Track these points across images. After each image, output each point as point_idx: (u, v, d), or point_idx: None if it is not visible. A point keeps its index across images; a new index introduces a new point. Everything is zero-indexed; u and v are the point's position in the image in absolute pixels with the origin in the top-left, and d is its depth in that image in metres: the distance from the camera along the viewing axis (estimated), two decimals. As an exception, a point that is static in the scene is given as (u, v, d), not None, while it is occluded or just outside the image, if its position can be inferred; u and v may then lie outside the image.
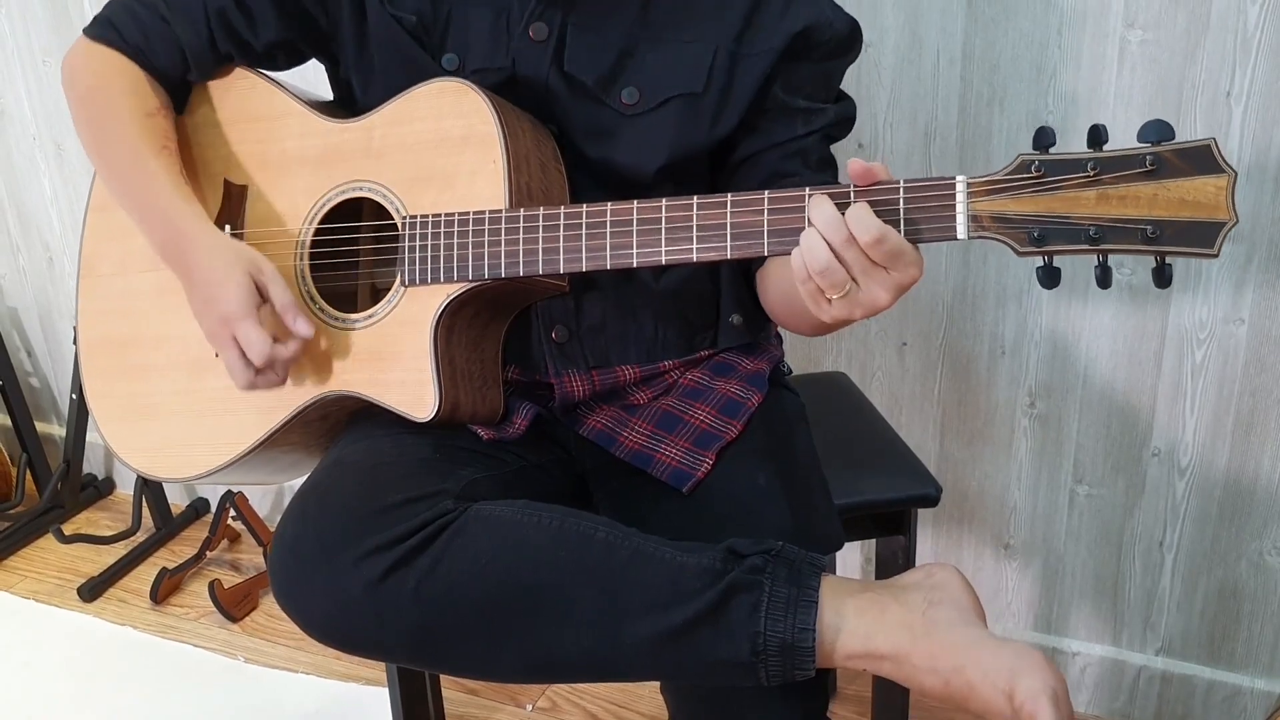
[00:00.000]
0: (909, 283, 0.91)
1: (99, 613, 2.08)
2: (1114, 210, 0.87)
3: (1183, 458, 1.58)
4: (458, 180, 1.10)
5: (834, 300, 0.92)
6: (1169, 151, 0.85)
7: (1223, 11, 1.36)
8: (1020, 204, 0.89)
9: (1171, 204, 0.85)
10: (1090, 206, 0.87)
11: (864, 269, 0.90)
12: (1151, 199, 0.86)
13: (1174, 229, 0.85)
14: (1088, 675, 1.74)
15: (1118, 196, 0.87)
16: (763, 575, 0.93)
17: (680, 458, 1.12)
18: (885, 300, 0.91)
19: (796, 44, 1.12)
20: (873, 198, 0.92)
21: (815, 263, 0.90)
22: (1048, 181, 0.88)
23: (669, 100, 1.12)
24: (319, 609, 0.98)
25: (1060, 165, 0.88)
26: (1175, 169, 0.85)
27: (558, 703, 1.80)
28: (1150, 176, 0.86)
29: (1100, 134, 0.87)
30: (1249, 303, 1.47)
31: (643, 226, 1.02)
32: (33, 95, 2.24)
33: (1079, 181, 0.87)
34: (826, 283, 0.91)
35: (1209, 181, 0.85)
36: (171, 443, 1.23)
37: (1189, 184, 0.85)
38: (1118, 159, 0.86)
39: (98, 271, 1.28)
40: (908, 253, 0.90)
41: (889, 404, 1.73)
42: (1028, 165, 0.89)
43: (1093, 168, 0.87)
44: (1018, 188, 0.89)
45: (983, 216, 0.90)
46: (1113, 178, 0.86)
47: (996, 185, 0.90)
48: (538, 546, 0.96)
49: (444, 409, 1.08)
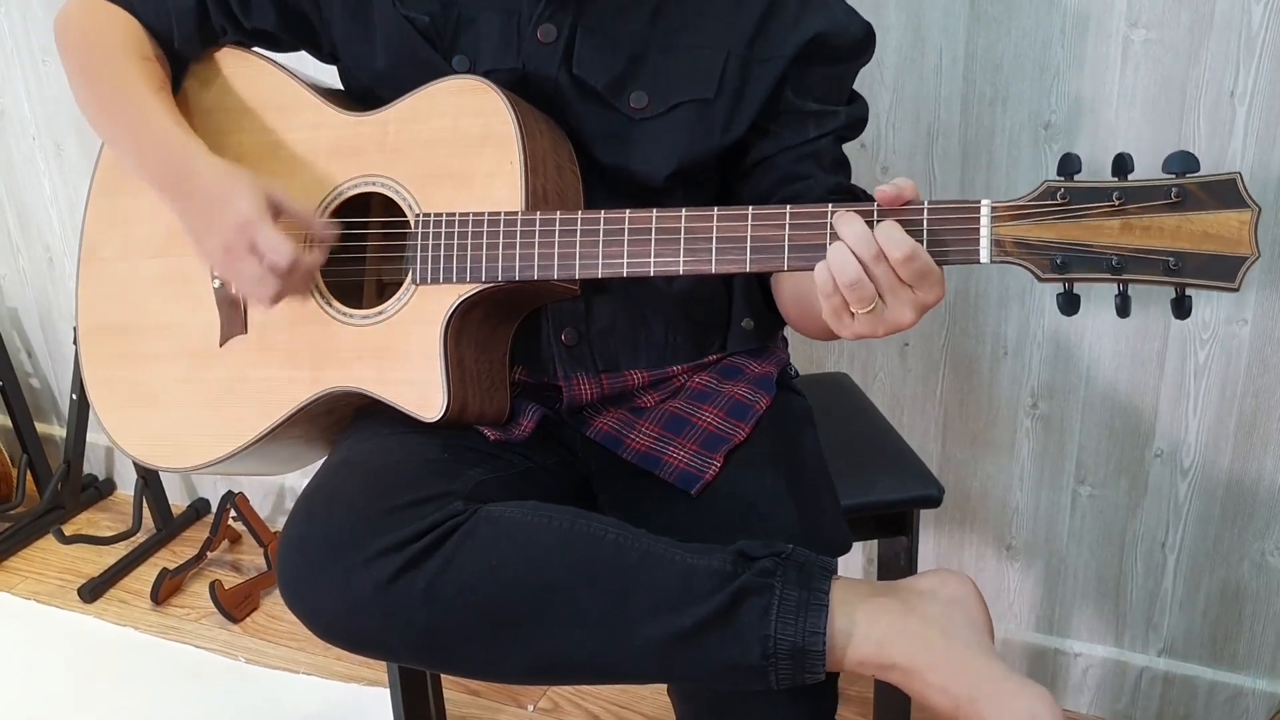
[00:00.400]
0: (933, 302, 0.91)
1: (100, 613, 2.08)
2: (1137, 240, 0.87)
3: (1185, 458, 1.58)
4: (474, 180, 1.09)
5: (858, 316, 0.91)
6: (1194, 184, 0.85)
7: (1226, 11, 1.36)
8: (1043, 230, 0.89)
9: (1194, 237, 0.85)
10: (1113, 236, 0.87)
11: (891, 286, 0.90)
12: (1175, 231, 0.86)
13: (1196, 262, 0.85)
14: (1090, 676, 1.74)
15: (1141, 227, 0.86)
16: (773, 578, 0.93)
17: (688, 460, 1.12)
18: (909, 319, 0.91)
19: (809, 49, 1.11)
20: (898, 218, 0.91)
21: (845, 277, 0.89)
22: (1072, 209, 0.88)
23: (679, 105, 1.12)
24: (327, 609, 0.97)
25: (1085, 193, 0.88)
26: (1199, 201, 0.85)
27: (559, 703, 1.80)
28: (1174, 209, 0.85)
29: (1126, 163, 0.87)
30: (1252, 303, 1.47)
31: (661, 236, 1.01)
32: (32, 95, 2.23)
33: (1103, 211, 0.87)
34: (854, 297, 0.90)
35: (1232, 216, 0.84)
36: (172, 432, 1.22)
37: (1212, 218, 0.85)
38: (1142, 189, 0.86)
39: (99, 256, 1.27)
40: (935, 272, 0.90)
41: (891, 405, 1.73)
42: (1053, 192, 0.88)
43: (1118, 197, 0.86)
44: (1042, 214, 0.89)
45: (1006, 241, 0.90)
46: (1137, 208, 0.86)
47: (1021, 211, 0.89)
48: (547, 548, 0.96)
49: (452, 410, 1.08)
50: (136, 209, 1.24)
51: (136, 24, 1.20)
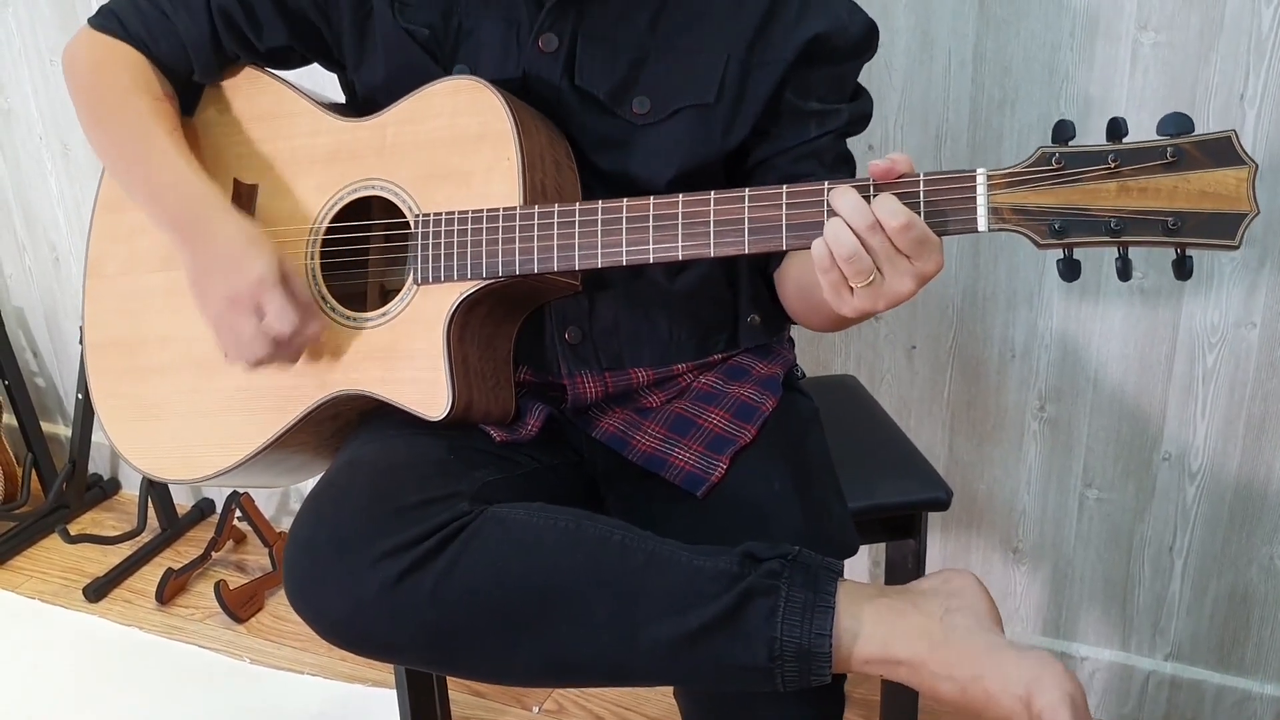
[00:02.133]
0: (931, 272, 0.91)
1: (104, 613, 2.08)
2: (1134, 202, 0.86)
3: (1193, 462, 1.57)
4: (473, 178, 1.09)
5: (857, 290, 0.91)
6: (1189, 144, 0.85)
7: (1236, 13, 1.36)
8: (1040, 196, 0.89)
9: (1192, 196, 0.85)
10: (1111, 199, 0.87)
11: (889, 256, 0.90)
12: (1172, 191, 0.86)
13: (1195, 221, 0.85)
14: (1096, 680, 1.73)
15: (1138, 188, 0.86)
16: (780, 580, 0.92)
17: (694, 462, 1.11)
18: (908, 289, 0.91)
19: (810, 50, 1.11)
20: (894, 190, 0.91)
21: (841, 249, 0.90)
22: (1068, 174, 0.88)
23: (680, 111, 1.12)
24: (333, 609, 0.97)
25: (1080, 158, 0.88)
26: (1195, 161, 0.85)
27: (564, 705, 1.79)
28: (1170, 169, 0.85)
29: (1120, 127, 0.87)
30: (1261, 306, 1.46)
31: (659, 222, 1.01)
32: (39, 95, 2.23)
33: (1099, 174, 0.87)
34: (852, 270, 0.90)
35: (1229, 173, 0.84)
36: (178, 444, 1.22)
37: (1209, 176, 0.85)
38: (1138, 151, 0.86)
39: (104, 272, 1.28)
40: (932, 240, 0.90)
41: (898, 407, 1.72)
42: (1048, 158, 0.89)
43: (1113, 160, 0.87)
44: (1038, 180, 0.89)
45: (1003, 209, 0.90)
46: (1133, 170, 0.86)
47: (1017, 178, 0.90)
48: (554, 549, 0.96)
49: (457, 408, 1.07)
50: (140, 223, 1.24)
51: (146, 62, 1.19)
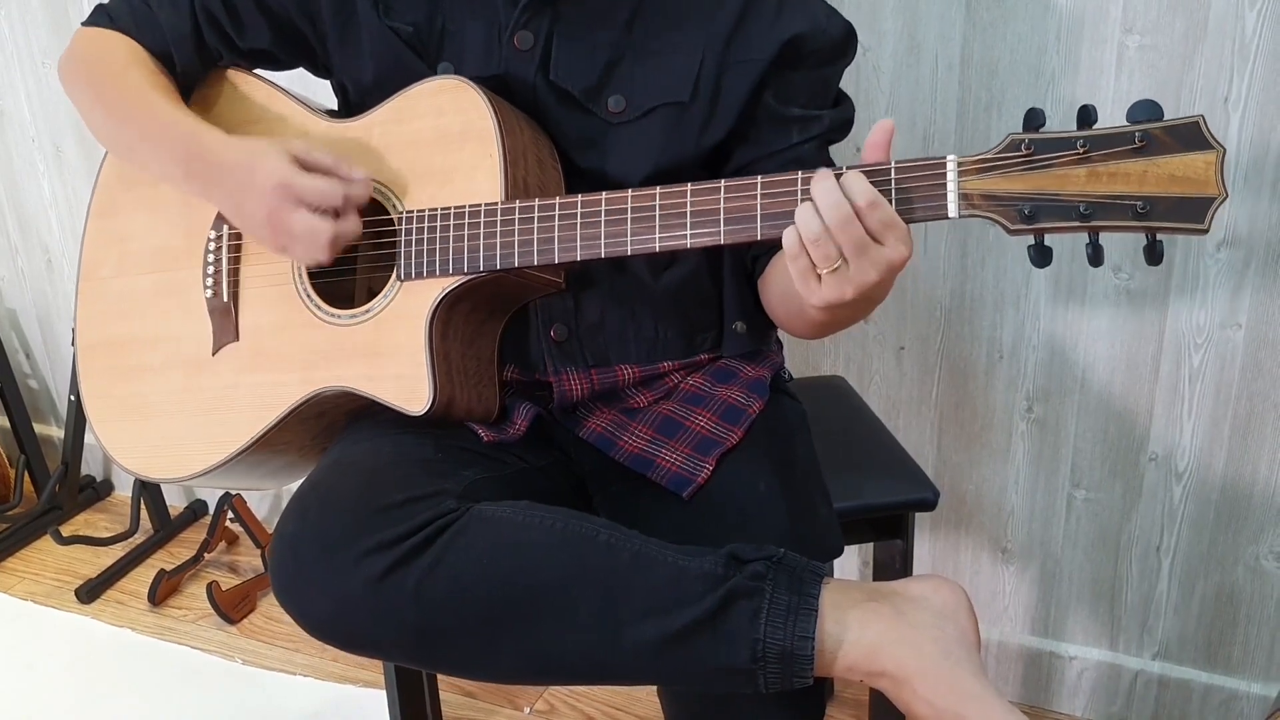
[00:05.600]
0: (900, 261, 0.91)
1: (97, 614, 2.08)
2: (1104, 187, 0.87)
3: (1180, 462, 1.58)
4: (456, 175, 1.10)
5: (824, 276, 0.92)
6: (1158, 129, 0.86)
7: (1220, 17, 1.37)
8: (1011, 182, 0.90)
9: (1161, 180, 0.86)
10: (1080, 184, 0.88)
11: (857, 240, 0.90)
12: (1141, 176, 0.86)
13: (1164, 205, 0.86)
14: (1084, 679, 1.74)
15: (1108, 174, 0.87)
16: (764, 582, 0.93)
17: (680, 463, 1.12)
18: (874, 277, 0.91)
19: (788, 52, 1.11)
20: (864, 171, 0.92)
21: (809, 231, 0.90)
22: (1037, 160, 0.89)
23: (655, 109, 1.12)
24: (319, 607, 0.98)
25: (1050, 144, 0.89)
26: (1164, 146, 0.86)
27: (555, 705, 1.80)
28: (1140, 154, 0.86)
29: (1090, 114, 0.88)
30: (1246, 307, 1.47)
31: (637, 214, 1.02)
32: (32, 97, 2.24)
33: (1069, 159, 0.88)
34: (819, 254, 0.91)
35: (1198, 157, 0.85)
36: (166, 443, 1.23)
37: (1178, 160, 0.86)
38: (1107, 136, 0.87)
39: (97, 275, 1.29)
40: (900, 226, 0.91)
41: (887, 408, 1.73)
42: (1017, 144, 0.89)
43: (1082, 145, 0.87)
44: (1008, 166, 0.90)
45: (973, 195, 0.91)
46: (1102, 155, 0.87)
47: (987, 164, 0.90)
48: (539, 547, 0.96)
49: (439, 403, 1.08)
50: (132, 227, 1.26)
51: (139, 48, 1.21)
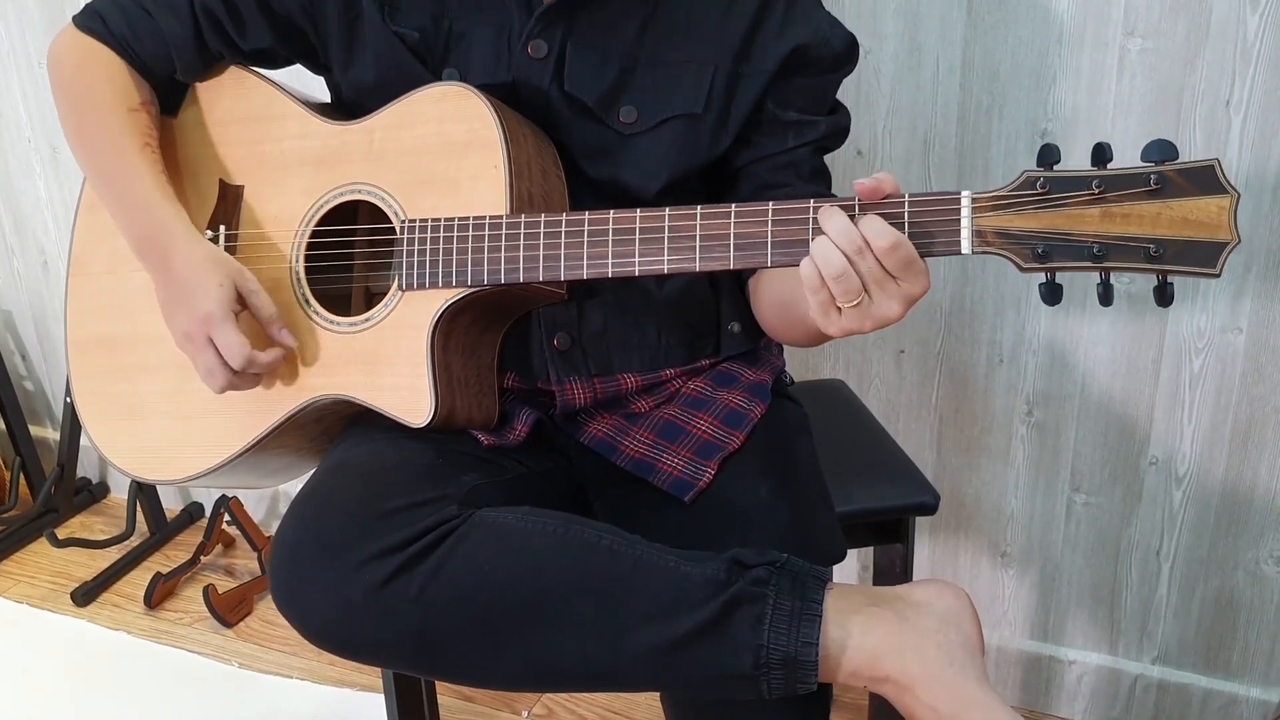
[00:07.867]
0: (919, 294, 0.91)
1: (93, 617, 2.07)
2: (1117, 228, 0.87)
3: (1180, 466, 1.58)
4: (459, 184, 1.09)
5: (845, 310, 0.91)
6: (1173, 171, 0.86)
7: (1222, 21, 1.37)
8: (1024, 220, 0.89)
9: (1174, 223, 0.86)
10: (1094, 224, 0.87)
11: (877, 279, 0.90)
12: (1155, 218, 0.86)
13: (1176, 248, 0.86)
14: (1084, 684, 1.74)
15: (1121, 215, 0.87)
16: (767, 587, 0.93)
17: (682, 468, 1.11)
18: (896, 312, 0.91)
19: (791, 60, 1.12)
20: (879, 211, 0.91)
21: (830, 270, 0.90)
22: (1052, 198, 0.88)
23: (668, 120, 1.12)
24: (319, 613, 0.97)
25: (1064, 182, 0.88)
26: (1179, 188, 0.85)
27: (554, 709, 1.79)
28: (1154, 196, 0.86)
29: (1105, 152, 0.88)
30: (1247, 312, 1.47)
31: (645, 235, 1.01)
32: (28, 98, 2.23)
33: (1083, 199, 0.87)
34: (840, 290, 0.90)
35: (1212, 201, 0.85)
36: (160, 444, 1.22)
37: (1192, 204, 0.85)
38: (1122, 177, 0.87)
39: (88, 270, 1.27)
40: (919, 263, 0.90)
41: (886, 412, 1.73)
42: (1032, 182, 0.89)
43: (1097, 186, 0.87)
44: (1022, 204, 0.89)
45: (987, 232, 0.90)
46: (1117, 196, 0.87)
47: (1001, 201, 0.90)
48: (541, 553, 0.96)
49: (440, 415, 1.08)
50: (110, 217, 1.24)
51: (126, 68, 1.19)
